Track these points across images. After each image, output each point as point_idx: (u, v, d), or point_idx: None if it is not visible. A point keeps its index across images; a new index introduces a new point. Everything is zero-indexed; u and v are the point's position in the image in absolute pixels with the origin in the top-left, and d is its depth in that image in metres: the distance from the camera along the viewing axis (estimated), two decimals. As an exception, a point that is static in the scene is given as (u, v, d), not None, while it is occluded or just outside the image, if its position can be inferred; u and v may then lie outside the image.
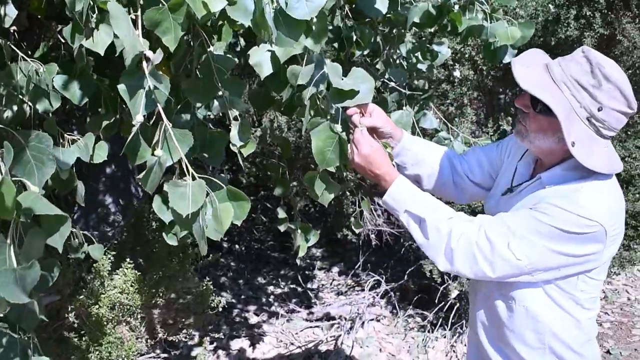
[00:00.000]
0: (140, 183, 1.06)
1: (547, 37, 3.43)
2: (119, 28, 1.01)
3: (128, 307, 2.15)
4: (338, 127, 1.45)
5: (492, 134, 3.40)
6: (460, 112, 3.46)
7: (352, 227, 1.79)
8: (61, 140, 1.45)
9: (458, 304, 3.57)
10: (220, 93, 1.41)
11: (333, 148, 1.45)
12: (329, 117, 1.46)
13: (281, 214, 2.41)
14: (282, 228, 2.46)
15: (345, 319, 3.94)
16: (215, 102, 1.44)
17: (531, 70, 1.38)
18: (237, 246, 5.59)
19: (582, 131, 1.31)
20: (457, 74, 3.52)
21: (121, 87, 1.09)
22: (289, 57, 1.29)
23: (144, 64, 1.06)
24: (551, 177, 1.42)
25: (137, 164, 1.11)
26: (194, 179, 1.05)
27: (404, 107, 2.26)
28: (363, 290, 4.38)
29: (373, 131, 1.60)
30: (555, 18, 3.37)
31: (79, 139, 1.41)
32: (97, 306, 2.04)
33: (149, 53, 1.05)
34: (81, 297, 2.04)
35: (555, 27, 3.35)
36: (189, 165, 1.05)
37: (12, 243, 0.88)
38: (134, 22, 1.13)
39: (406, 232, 4.29)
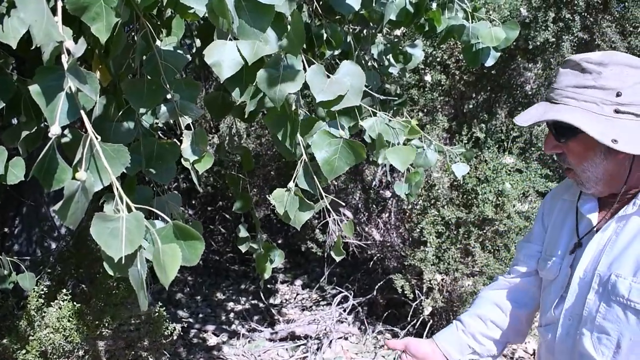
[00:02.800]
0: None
1: (522, 40, 3.28)
2: (26, 10, 0.75)
3: (64, 347, 1.85)
4: (341, 132, 1.24)
5: (465, 141, 3.23)
6: (431, 118, 3.27)
7: (333, 254, 1.55)
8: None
9: (431, 321, 3.38)
10: (169, 97, 1.16)
11: (339, 154, 1.24)
12: (324, 122, 1.26)
13: (242, 232, 2.16)
14: (243, 248, 2.21)
15: (312, 337, 3.70)
16: (163, 108, 1.19)
17: (530, 110, 1.20)
18: (194, 259, 5.29)
19: (617, 126, 1.09)
20: (428, 78, 3.33)
21: (34, 89, 0.83)
22: (258, 58, 1.06)
23: (63, 58, 0.81)
24: None
25: (54, 189, 0.85)
26: (129, 210, 0.79)
27: (378, 114, 2.05)
28: (329, 304, 4.15)
29: None
30: (533, 20, 3.22)
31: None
32: (24, 351, 1.74)
33: (69, 44, 0.80)
34: (5, 341, 1.74)
35: (531, 31, 3.21)
36: (122, 193, 0.80)
37: None
38: (53, 7, 0.87)
39: (373, 244, 4.09)
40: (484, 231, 3.26)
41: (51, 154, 0.84)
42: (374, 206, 4.17)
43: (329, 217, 3.94)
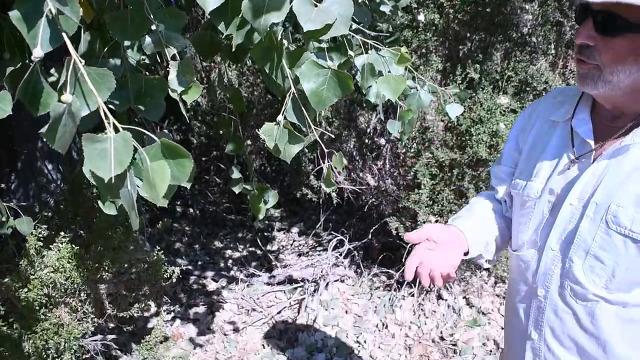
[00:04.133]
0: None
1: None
2: None
3: (65, 287, 1.89)
4: (329, 63, 1.24)
5: (459, 82, 3.21)
6: (425, 60, 3.25)
7: (323, 186, 1.55)
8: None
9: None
10: (153, 28, 1.15)
11: (327, 85, 1.24)
12: (312, 53, 1.25)
13: (235, 174, 2.18)
14: (236, 189, 2.24)
15: (309, 281, 3.77)
16: (148, 39, 1.18)
17: None
18: (191, 210, 5.34)
19: None
20: (421, 17, 3.28)
21: (14, 15, 0.82)
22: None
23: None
24: None
25: (41, 114, 0.85)
26: (116, 131, 0.80)
27: (370, 51, 2.03)
28: (325, 250, 4.21)
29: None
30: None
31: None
32: (25, 289, 1.78)
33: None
34: (7, 280, 1.78)
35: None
36: (109, 114, 0.81)
37: None
38: None
39: (368, 189, 4.12)
40: (478, 172, 3.28)
41: (35, 78, 0.84)
42: (369, 153, 4.19)
43: (323, 163, 3.96)
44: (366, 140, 4.04)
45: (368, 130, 4.27)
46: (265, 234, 4.86)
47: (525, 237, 1.29)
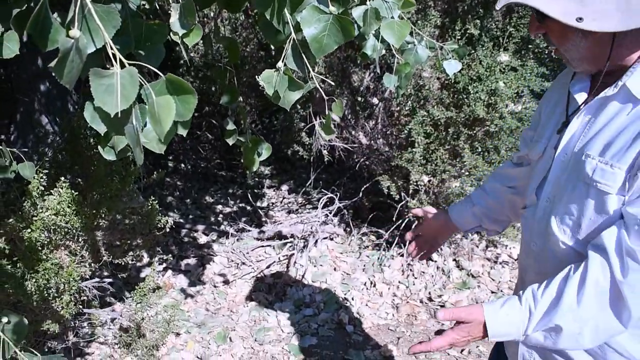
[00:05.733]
0: (79, 97, 0.83)
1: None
2: None
3: (66, 230, 1.93)
4: (331, 8, 1.25)
5: (459, 37, 3.19)
6: (423, 14, 3.23)
7: (322, 133, 1.58)
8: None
9: (416, 222, 3.50)
10: (155, -30, 1.16)
11: (328, 31, 1.25)
12: None
13: (230, 125, 2.20)
14: (230, 141, 2.26)
15: (298, 237, 3.84)
16: (149, -18, 1.19)
17: None
18: (182, 165, 5.37)
19: (586, 3, 1.02)
20: (419, -29, 3.25)
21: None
22: None
23: None
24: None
25: (49, 49, 0.87)
26: (123, 66, 0.83)
27: (368, 2, 2.03)
28: (315, 208, 4.27)
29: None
30: None
31: (-19, 29, 1.15)
32: (29, 230, 1.82)
33: None
34: (11, 220, 1.81)
35: None
36: (115, 50, 0.83)
37: None
38: None
39: (360, 148, 4.16)
40: (474, 132, 3.28)
41: (44, 14, 0.85)
42: (361, 112, 4.21)
43: (315, 120, 3.98)
44: (359, 99, 4.05)
45: (361, 89, 4.28)
46: (256, 190, 4.91)
47: (530, 195, 1.35)
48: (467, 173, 3.33)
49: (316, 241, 3.75)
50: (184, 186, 5.00)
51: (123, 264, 2.77)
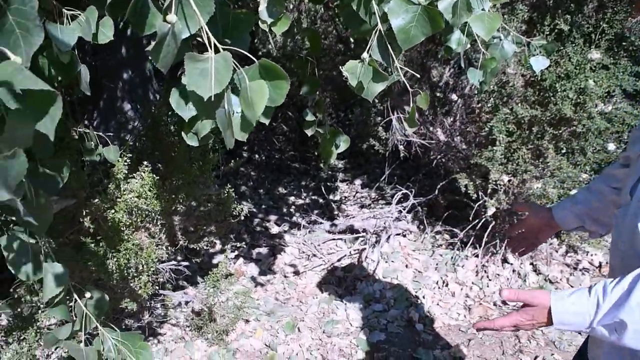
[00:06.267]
0: (157, 88, 0.84)
1: None
2: None
3: (147, 212, 2.00)
4: None
5: (547, 33, 3.05)
6: (510, 8, 3.11)
7: (406, 125, 1.55)
8: (59, 17, 1.22)
9: (493, 222, 3.39)
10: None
11: (416, 22, 1.23)
12: None
13: (309, 116, 2.20)
14: (309, 132, 2.26)
15: (370, 232, 3.81)
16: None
17: None
18: (257, 156, 5.44)
19: None
20: (508, -36, 3.14)
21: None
22: None
23: None
24: None
25: (147, 34, 0.89)
26: (217, 52, 0.83)
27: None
28: (388, 204, 4.23)
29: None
30: None
31: (79, 15, 1.18)
32: (113, 211, 1.89)
33: None
34: (96, 201, 1.89)
35: None
36: (211, 36, 0.83)
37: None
38: None
39: (437, 145, 4.08)
40: (560, 132, 3.13)
41: (142, 0, 0.87)
42: (440, 108, 4.12)
43: (393, 114, 3.93)
44: (438, 94, 3.97)
45: (440, 85, 4.19)
46: (329, 184, 4.91)
47: (624, 195, 1.31)
48: (549, 174, 3.19)
49: (388, 237, 3.71)
50: (258, 176, 5.07)
51: (197, 249, 2.83)
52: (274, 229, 4.06)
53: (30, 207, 1.51)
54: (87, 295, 1.60)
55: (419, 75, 3.75)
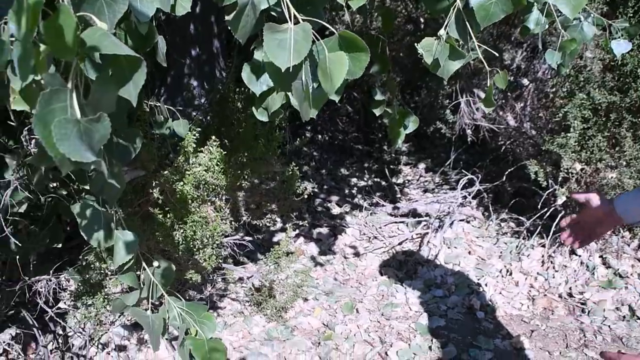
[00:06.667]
0: (223, 65, 0.84)
1: None
2: None
3: (213, 186, 2.03)
4: None
5: (631, 15, 2.88)
6: (591, -12, 2.96)
7: (483, 105, 1.50)
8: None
9: (563, 212, 3.27)
10: None
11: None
12: None
13: (378, 95, 2.17)
14: (377, 112, 2.23)
15: (433, 217, 3.75)
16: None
17: None
18: (320, 136, 5.43)
19: None
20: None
21: None
22: None
23: None
24: None
25: (226, 4, 0.88)
26: (297, 22, 0.81)
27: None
28: (452, 189, 4.15)
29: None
30: None
31: (158, -14, 1.19)
32: (181, 183, 1.93)
33: None
34: (166, 172, 1.93)
35: None
36: (290, 6, 0.82)
37: (74, 89, 0.68)
38: None
39: (505, 130, 3.95)
40: (639, 119, 2.99)
41: (223, -33, 0.86)
42: (510, 92, 3.99)
43: (461, 97, 3.83)
44: (509, 78, 3.83)
45: (512, 68, 4.05)
46: (392, 166, 4.86)
47: None
48: (625, 164, 3.04)
49: (452, 222, 3.64)
50: (320, 157, 5.07)
51: (259, 226, 2.86)
52: (335, 210, 4.06)
53: (103, 175, 1.55)
54: (155, 264, 1.64)
55: (497, 54, 3.63)
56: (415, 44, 1.35)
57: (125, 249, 1.50)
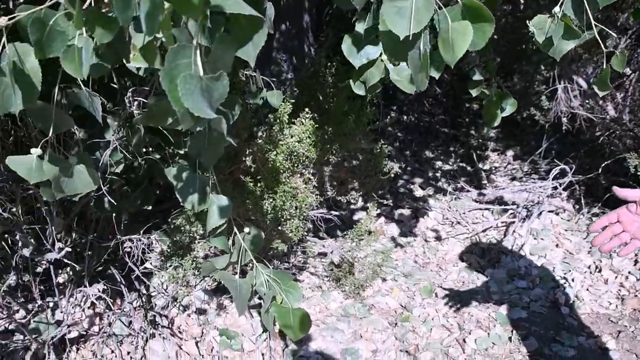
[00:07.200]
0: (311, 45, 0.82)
1: None
2: None
3: (304, 158, 2.04)
4: None
5: None
6: None
7: (595, 88, 1.42)
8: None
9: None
10: None
11: None
12: None
13: (476, 75, 2.10)
14: (474, 92, 2.16)
15: (520, 206, 3.62)
16: None
17: None
18: (405, 117, 5.35)
19: None
20: None
21: None
22: None
23: None
24: None
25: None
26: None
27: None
28: (541, 179, 3.99)
29: None
30: None
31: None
32: (274, 153, 1.95)
33: None
34: (260, 141, 1.95)
35: None
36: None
37: (198, 47, 0.69)
38: None
39: (603, 121, 3.74)
40: None
41: None
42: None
43: (559, 83, 3.65)
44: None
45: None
46: (478, 152, 4.73)
47: None
48: None
49: (540, 213, 3.50)
50: (405, 138, 5.01)
51: (342, 202, 2.86)
52: (418, 192, 4.00)
53: (201, 138, 1.58)
54: (246, 230, 1.67)
55: (615, 35, 3.43)
56: (527, 21, 1.28)
57: (219, 213, 1.54)
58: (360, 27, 1.44)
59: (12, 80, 0.85)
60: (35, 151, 1.18)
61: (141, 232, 2.45)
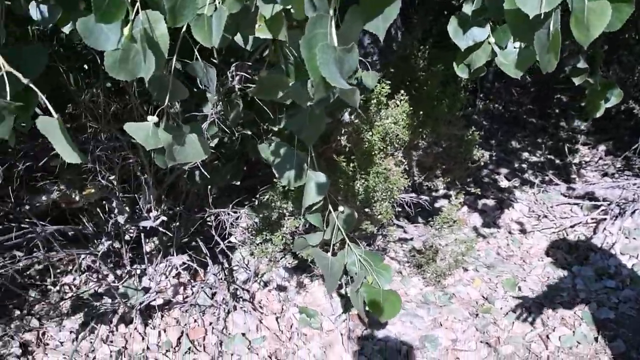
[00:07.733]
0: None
1: None
2: None
3: (397, 140, 2.03)
4: None
5: None
6: None
7: None
8: None
9: None
10: None
11: None
12: None
13: (581, 63, 2.02)
14: (577, 80, 2.08)
15: (612, 203, 3.46)
16: None
17: None
18: (492, 105, 5.21)
19: None
20: None
21: None
22: None
23: None
24: None
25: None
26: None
27: None
28: (635, 176, 3.80)
29: None
30: None
31: None
32: (370, 133, 1.96)
33: None
34: (356, 121, 1.96)
35: None
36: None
37: (333, 17, 0.71)
38: None
39: None
40: None
41: None
42: None
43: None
44: None
45: None
46: (568, 145, 4.54)
47: None
48: None
49: (634, 211, 3.33)
50: (491, 126, 4.88)
51: (426, 188, 2.83)
52: (504, 183, 3.90)
53: (305, 116, 1.61)
54: (340, 209, 1.70)
55: None
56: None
57: (316, 189, 1.56)
58: (467, 9, 1.42)
59: (144, 47, 0.90)
60: (152, 119, 1.24)
61: (230, 206, 2.51)
